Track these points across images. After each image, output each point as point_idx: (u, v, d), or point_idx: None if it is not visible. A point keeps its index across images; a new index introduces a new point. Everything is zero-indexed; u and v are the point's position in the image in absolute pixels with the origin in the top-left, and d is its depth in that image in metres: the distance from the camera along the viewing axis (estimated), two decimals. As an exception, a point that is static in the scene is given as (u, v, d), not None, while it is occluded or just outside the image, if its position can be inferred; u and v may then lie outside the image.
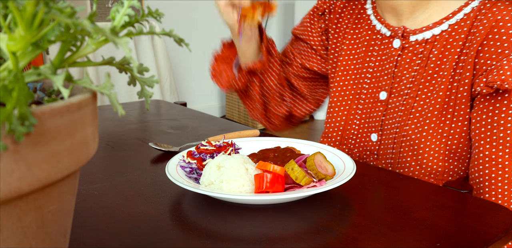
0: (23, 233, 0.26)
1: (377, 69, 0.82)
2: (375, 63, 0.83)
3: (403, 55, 0.78)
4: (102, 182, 0.64)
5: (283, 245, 0.46)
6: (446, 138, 0.73)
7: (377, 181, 0.65)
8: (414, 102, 0.76)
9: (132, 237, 0.48)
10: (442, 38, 0.74)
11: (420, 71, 0.76)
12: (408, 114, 0.77)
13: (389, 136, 0.80)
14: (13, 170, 0.23)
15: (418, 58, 0.76)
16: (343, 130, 0.87)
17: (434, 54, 0.75)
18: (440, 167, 0.73)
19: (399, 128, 0.78)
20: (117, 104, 0.27)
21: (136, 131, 0.95)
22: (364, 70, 0.85)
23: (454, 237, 0.48)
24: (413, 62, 0.77)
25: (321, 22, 0.92)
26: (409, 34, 0.77)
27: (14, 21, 0.26)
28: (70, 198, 0.31)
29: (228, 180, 0.55)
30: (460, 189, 0.63)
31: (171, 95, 2.84)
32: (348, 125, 0.86)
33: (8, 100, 0.23)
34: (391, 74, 0.79)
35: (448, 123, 0.72)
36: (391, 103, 0.80)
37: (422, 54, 0.76)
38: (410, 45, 0.77)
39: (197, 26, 3.36)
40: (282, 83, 0.96)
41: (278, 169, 0.56)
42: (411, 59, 0.77)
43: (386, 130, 0.81)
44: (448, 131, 0.72)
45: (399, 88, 0.79)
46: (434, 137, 0.73)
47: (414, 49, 0.77)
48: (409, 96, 0.77)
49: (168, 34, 0.32)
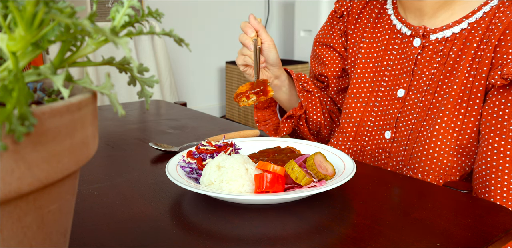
0: (23, 233, 0.26)
1: (396, 67, 0.84)
2: (394, 61, 0.85)
3: (423, 53, 0.80)
4: (102, 182, 0.64)
5: (283, 245, 0.46)
6: (457, 132, 0.74)
7: (377, 181, 0.65)
8: (432, 98, 0.78)
9: (132, 237, 0.48)
10: (461, 36, 0.76)
11: (439, 68, 0.78)
12: (426, 110, 0.78)
13: (404, 133, 0.81)
14: (13, 170, 0.23)
15: (438, 56, 0.78)
16: (358, 126, 0.88)
17: (454, 51, 0.76)
18: (450, 162, 0.74)
19: (415, 124, 0.79)
20: (117, 104, 0.27)
21: (136, 131, 0.95)
22: (383, 68, 0.86)
23: (454, 237, 0.48)
24: (433, 60, 0.79)
25: (340, 24, 0.95)
26: (429, 33, 0.79)
27: (14, 21, 0.26)
28: (70, 198, 0.31)
29: (228, 180, 0.55)
30: (460, 189, 0.63)
31: (171, 95, 2.84)
32: (363, 122, 0.87)
33: (8, 100, 0.23)
34: (410, 72, 0.81)
35: (461, 118, 0.73)
36: (408, 100, 0.81)
37: (441, 52, 0.78)
38: (430, 43, 0.79)
39: (197, 26, 3.36)
40: (329, 112, 1.00)
41: (278, 169, 0.56)
42: (431, 57, 0.79)
43: (400, 127, 0.82)
44: (461, 125, 0.73)
45: (418, 85, 0.80)
46: (447, 131, 0.74)
47: (434, 47, 0.79)
48: (428, 93, 0.79)
49: (168, 34, 0.32)
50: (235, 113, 3.41)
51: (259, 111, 0.97)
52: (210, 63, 3.53)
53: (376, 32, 0.89)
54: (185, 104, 1.26)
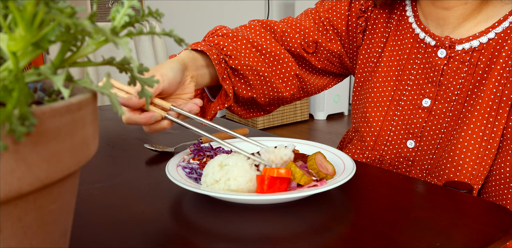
0: (23, 233, 0.26)
1: (420, 77, 0.82)
2: (417, 70, 0.83)
3: (449, 64, 0.79)
4: (102, 182, 0.64)
5: (283, 245, 0.46)
6: (486, 141, 0.73)
7: (377, 181, 0.65)
8: (462, 108, 0.77)
9: (132, 237, 0.48)
10: (489, 46, 0.75)
11: (467, 78, 0.77)
12: (456, 120, 0.77)
13: (431, 142, 0.80)
14: (14, 170, 0.23)
15: (465, 66, 0.77)
16: (378, 136, 0.86)
17: (482, 61, 0.76)
18: (475, 170, 0.74)
19: (444, 134, 0.78)
20: (117, 104, 0.27)
21: (136, 131, 0.95)
22: (405, 77, 0.84)
23: (454, 237, 0.48)
24: (460, 70, 0.78)
25: (362, 19, 0.89)
26: (454, 44, 0.78)
27: (14, 21, 0.26)
28: (70, 198, 0.31)
29: (235, 177, 0.55)
30: (460, 189, 0.63)
31: (171, 95, 2.83)
32: (383, 132, 0.85)
33: (9, 100, 0.23)
34: (436, 82, 0.80)
35: (490, 126, 0.73)
36: (435, 110, 0.80)
37: (469, 62, 0.77)
38: (457, 54, 0.78)
39: (197, 26, 3.36)
40: None
41: (283, 172, 0.55)
42: (458, 67, 0.78)
43: (426, 137, 0.81)
44: (490, 134, 0.73)
45: (445, 95, 0.79)
46: (474, 139, 0.74)
47: (460, 57, 0.78)
48: (456, 103, 0.78)
49: (168, 34, 0.32)
50: (235, 113, 3.41)
51: (208, 108, 0.84)
52: (210, 63, 3.52)
53: (397, 39, 0.86)
54: (185, 104, 1.25)
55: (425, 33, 0.82)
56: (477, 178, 0.74)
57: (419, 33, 0.83)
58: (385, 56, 0.87)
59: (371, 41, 0.90)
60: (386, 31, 0.88)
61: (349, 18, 0.90)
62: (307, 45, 0.91)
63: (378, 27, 0.89)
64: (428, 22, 0.82)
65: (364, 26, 0.90)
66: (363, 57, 0.91)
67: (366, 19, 0.90)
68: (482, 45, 0.76)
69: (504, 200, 0.72)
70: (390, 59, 0.86)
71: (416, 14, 0.85)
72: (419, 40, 0.83)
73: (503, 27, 0.75)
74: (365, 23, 0.90)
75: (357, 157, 0.88)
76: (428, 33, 0.82)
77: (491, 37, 0.75)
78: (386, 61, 0.87)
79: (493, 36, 0.75)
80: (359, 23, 0.90)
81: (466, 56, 0.77)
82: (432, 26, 0.82)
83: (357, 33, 0.91)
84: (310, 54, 0.92)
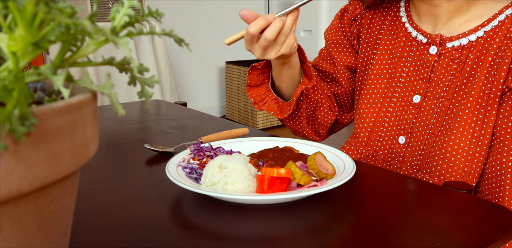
0: (23, 233, 0.26)
1: (411, 73, 0.85)
2: (409, 68, 0.85)
3: (439, 60, 0.81)
4: (102, 182, 0.64)
5: (283, 245, 0.46)
6: (475, 138, 0.74)
7: (377, 181, 0.65)
8: (450, 104, 0.79)
9: (132, 237, 0.48)
10: (478, 43, 0.77)
11: (456, 75, 0.79)
12: (443, 115, 0.79)
13: (419, 138, 0.82)
14: (14, 170, 0.23)
15: (455, 63, 0.79)
16: (371, 132, 0.88)
17: (470, 58, 0.77)
18: (466, 167, 0.75)
19: (432, 129, 0.80)
20: (117, 104, 0.27)
21: (136, 131, 0.95)
22: (398, 74, 0.87)
23: (454, 237, 0.48)
24: (449, 67, 0.79)
25: (353, 27, 0.94)
26: (445, 41, 0.80)
27: (14, 21, 0.26)
28: (70, 198, 0.31)
29: (233, 181, 0.55)
30: (460, 189, 0.63)
31: (171, 95, 2.84)
32: (376, 127, 0.88)
33: (9, 100, 0.23)
34: (426, 78, 0.82)
35: (479, 123, 0.74)
36: (424, 106, 0.82)
37: (458, 59, 0.79)
38: (447, 51, 0.80)
39: (197, 26, 3.36)
40: (327, 92, 0.98)
41: (283, 172, 0.55)
42: (448, 64, 0.80)
43: (416, 132, 0.83)
44: (479, 131, 0.74)
45: (434, 91, 0.81)
46: (465, 136, 0.75)
47: (450, 54, 0.79)
48: (445, 99, 0.79)
49: (168, 34, 0.32)
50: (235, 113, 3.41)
51: (252, 89, 0.92)
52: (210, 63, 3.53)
53: (390, 39, 0.89)
54: (185, 104, 1.26)
55: (417, 31, 0.84)
56: (470, 175, 0.74)
57: (411, 32, 0.86)
58: (379, 54, 0.90)
59: (367, 43, 0.93)
60: (380, 33, 0.91)
61: (343, 30, 0.96)
62: None
63: (372, 30, 0.92)
64: (421, 19, 0.85)
65: (356, 32, 0.94)
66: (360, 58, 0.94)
67: (358, 26, 0.94)
68: (471, 43, 0.77)
69: (498, 198, 0.72)
70: (384, 57, 0.89)
71: (409, 14, 0.87)
72: (411, 39, 0.86)
73: (492, 25, 0.76)
74: (357, 29, 0.94)
75: (352, 153, 0.90)
76: (420, 31, 0.84)
77: (480, 35, 0.77)
78: (379, 60, 0.89)
79: (482, 34, 0.76)
80: (352, 31, 0.95)
81: (455, 54, 0.79)
82: (424, 25, 0.84)
83: (352, 41, 0.95)
84: None
